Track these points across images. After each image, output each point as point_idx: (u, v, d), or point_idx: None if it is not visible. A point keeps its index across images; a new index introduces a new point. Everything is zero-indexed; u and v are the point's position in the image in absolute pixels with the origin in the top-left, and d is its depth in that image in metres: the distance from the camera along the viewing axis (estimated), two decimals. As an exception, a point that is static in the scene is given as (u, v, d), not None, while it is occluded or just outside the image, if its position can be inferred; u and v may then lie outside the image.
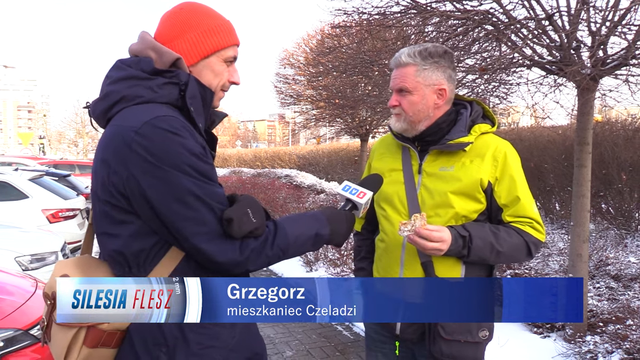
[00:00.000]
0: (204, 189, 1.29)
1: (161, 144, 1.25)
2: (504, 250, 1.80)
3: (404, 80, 1.86)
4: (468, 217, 1.86)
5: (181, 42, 1.41)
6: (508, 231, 1.84)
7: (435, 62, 1.84)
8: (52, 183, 9.03)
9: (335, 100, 13.00)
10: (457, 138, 1.86)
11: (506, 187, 1.84)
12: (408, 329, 1.93)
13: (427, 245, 1.71)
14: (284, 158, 28.28)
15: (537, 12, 4.37)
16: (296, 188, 16.16)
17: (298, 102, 17.49)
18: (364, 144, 14.85)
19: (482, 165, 1.84)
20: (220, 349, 1.38)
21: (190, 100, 1.36)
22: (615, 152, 8.30)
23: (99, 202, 1.35)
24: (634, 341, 3.95)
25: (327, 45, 11.40)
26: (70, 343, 1.31)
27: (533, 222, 1.85)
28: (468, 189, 1.84)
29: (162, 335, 1.33)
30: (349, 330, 5.12)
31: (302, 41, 18.50)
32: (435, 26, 5.26)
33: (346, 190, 1.66)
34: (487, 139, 1.90)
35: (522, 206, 1.84)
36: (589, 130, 4.52)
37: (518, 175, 1.86)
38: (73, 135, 63.02)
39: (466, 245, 1.77)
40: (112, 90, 1.37)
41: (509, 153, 1.88)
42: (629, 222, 8.50)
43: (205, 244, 1.29)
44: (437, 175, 1.89)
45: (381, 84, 8.99)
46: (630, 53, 4.05)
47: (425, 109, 1.87)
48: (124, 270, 1.36)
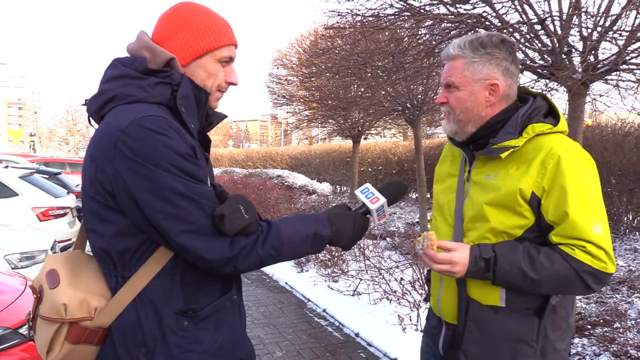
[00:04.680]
0: (191, 188, 1.28)
1: (146, 143, 1.25)
2: (540, 279, 1.50)
3: (451, 74, 1.66)
4: (510, 234, 1.59)
5: (174, 41, 1.41)
6: (550, 256, 1.52)
7: (488, 53, 1.62)
8: (43, 181, 8.95)
9: (328, 102, 13.03)
10: (503, 141, 1.59)
11: (555, 201, 1.52)
12: (449, 350, 1.75)
13: (434, 267, 1.57)
14: (276, 158, 28.24)
15: (529, 16, 4.40)
16: (288, 188, 16.14)
17: (291, 103, 17.52)
18: (356, 146, 14.88)
19: (527, 173, 1.55)
20: (201, 353, 1.37)
21: (181, 100, 1.36)
22: (605, 156, 8.38)
23: (87, 198, 1.35)
24: (622, 344, 4.00)
25: (321, 46, 11.41)
26: (53, 337, 1.32)
27: (587, 246, 1.49)
28: (505, 201, 1.56)
29: (142, 336, 1.32)
30: (339, 331, 5.12)
31: (295, 42, 18.52)
32: (429, 29, 5.29)
33: (363, 193, 1.59)
34: (543, 141, 1.58)
35: (571, 224, 1.49)
36: (579, 135, 4.56)
37: (574, 186, 1.51)
38: (64, 132, 62.48)
39: (490, 269, 1.53)
40: (105, 88, 1.37)
41: (567, 158, 1.53)
42: (618, 226, 8.58)
43: (193, 241, 1.28)
44: (481, 184, 1.66)
45: (374, 86, 9.01)
46: (620, 58, 4.09)
47: (474, 106, 1.65)
48: (109, 268, 1.36)
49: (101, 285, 1.35)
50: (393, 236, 8.87)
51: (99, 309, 1.31)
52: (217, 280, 1.42)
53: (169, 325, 1.32)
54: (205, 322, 1.38)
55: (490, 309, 1.61)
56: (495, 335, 1.60)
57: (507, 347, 1.59)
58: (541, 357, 1.59)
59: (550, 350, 1.60)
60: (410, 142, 17.42)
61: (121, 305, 1.32)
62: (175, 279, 1.34)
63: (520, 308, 1.60)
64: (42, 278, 1.38)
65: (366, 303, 5.60)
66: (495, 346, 1.60)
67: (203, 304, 1.38)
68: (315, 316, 5.61)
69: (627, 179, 8.39)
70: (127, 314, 1.32)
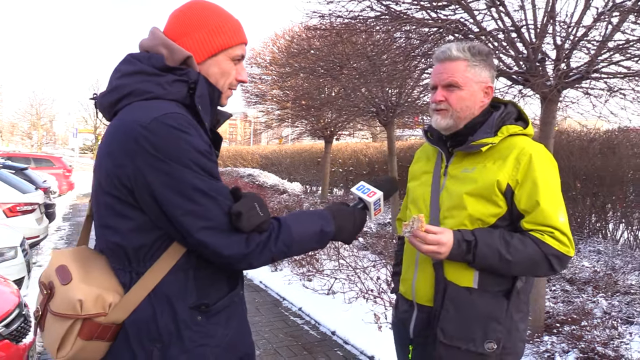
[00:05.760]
0: (210, 185, 1.30)
1: (168, 140, 1.26)
2: (514, 260, 1.68)
3: (453, 74, 1.80)
4: (484, 221, 1.76)
5: (190, 39, 1.42)
6: (523, 240, 1.70)
7: (484, 59, 1.82)
8: (9, 176, 8.69)
9: (302, 102, 13.03)
10: (481, 139, 1.79)
11: (527, 192, 1.71)
12: (421, 332, 1.88)
13: (422, 248, 1.69)
14: (246, 157, 28.09)
15: (506, 24, 4.53)
16: (259, 188, 16.11)
17: (264, 102, 17.45)
18: (328, 146, 14.94)
19: (503, 167, 1.74)
20: (214, 347, 1.39)
21: (199, 99, 1.38)
22: (571, 160, 8.67)
23: (103, 193, 1.35)
24: (589, 341, 4.16)
25: (297, 45, 11.42)
26: (65, 334, 1.30)
27: (555, 232, 1.69)
28: (483, 191, 1.74)
29: (157, 331, 1.32)
30: (315, 329, 5.16)
31: (270, 41, 18.47)
32: (405, 33, 5.38)
33: (359, 189, 1.68)
34: (516, 140, 1.80)
35: (542, 213, 1.69)
36: (550, 140, 4.72)
37: (543, 180, 1.71)
38: (27, 127, 60.68)
39: (470, 251, 1.68)
40: (120, 84, 1.37)
41: (536, 156, 1.74)
42: (582, 228, 8.89)
43: (211, 237, 1.29)
44: (458, 177, 1.83)
45: (349, 87, 9.08)
46: (591, 67, 4.26)
47: (472, 105, 1.82)
48: (123, 264, 1.36)
49: (113, 281, 1.35)
50: (365, 236, 8.97)
51: (113, 304, 1.31)
52: (226, 276, 1.45)
53: (184, 320, 1.34)
54: (217, 317, 1.40)
55: (466, 289, 1.77)
56: (470, 313, 1.76)
57: (479, 324, 1.75)
58: (507, 334, 1.76)
59: (513, 330, 1.79)
60: (381, 144, 17.60)
61: (136, 301, 1.32)
62: (188, 274, 1.36)
63: (491, 289, 1.78)
64: (52, 274, 1.37)
65: (341, 302, 5.66)
66: (470, 323, 1.76)
67: (215, 298, 1.40)
68: (291, 315, 5.63)
69: (591, 183, 8.70)
70: (142, 309, 1.32)
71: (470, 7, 4.51)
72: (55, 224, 11.37)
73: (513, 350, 1.79)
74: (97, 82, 63.76)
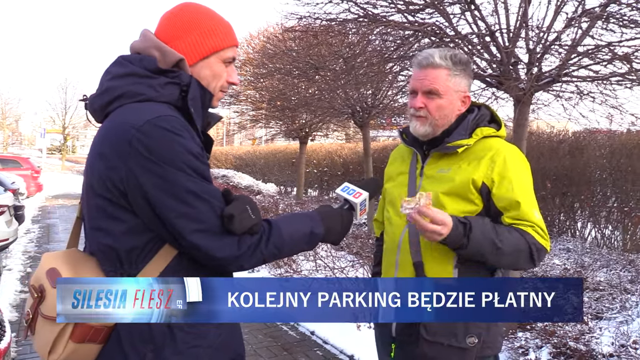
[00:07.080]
0: (202, 187, 1.31)
1: (162, 142, 1.27)
2: (504, 248, 1.71)
3: (435, 82, 1.83)
4: None
5: (182, 42, 1.43)
6: (510, 230, 1.76)
7: (463, 69, 1.85)
8: (-23, 178, 8.47)
9: (277, 102, 13.01)
10: (456, 140, 1.83)
11: (504, 190, 1.77)
12: (403, 331, 1.90)
13: (428, 227, 1.65)
14: (220, 158, 27.89)
15: (480, 28, 4.65)
16: (233, 189, 16.03)
17: (238, 102, 17.35)
18: (303, 147, 14.95)
19: (478, 167, 1.80)
20: (206, 348, 1.40)
21: (191, 101, 1.38)
22: (541, 161, 8.89)
23: (95, 196, 1.34)
24: (561, 336, 4.29)
25: (273, 47, 11.40)
26: (57, 337, 1.30)
27: (535, 227, 1.77)
28: (459, 190, 1.79)
29: (150, 332, 1.33)
30: (294, 330, 5.18)
31: (244, 41, 18.38)
32: (380, 35, 5.45)
33: (344, 191, 1.70)
34: (491, 142, 1.86)
35: (522, 211, 1.77)
36: (523, 140, 4.85)
37: (518, 179, 1.79)
38: (-9, 127, 59.06)
39: (466, 234, 1.69)
40: (112, 85, 1.37)
41: (510, 156, 1.81)
42: (552, 227, 9.11)
43: (204, 240, 1.30)
44: (435, 177, 1.87)
45: (325, 88, 9.13)
46: (562, 70, 4.40)
47: (450, 114, 1.86)
48: (115, 266, 1.35)
49: None
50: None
51: None
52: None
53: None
54: None
55: None
56: None
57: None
58: (487, 329, 1.80)
59: (492, 325, 1.84)
60: (355, 145, 17.68)
61: None
62: (179, 276, 1.36)
63: None
64: (42, 276, 1.36)
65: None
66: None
67: None
68: (269, 316, 5.63)
69: (560, 183, 8.93)
70: None
71: (445, 11, 4.61)
72: (25, 226, 11.10)
73: (492, 345, 1.84)
74: (66, 81, 62.48)
